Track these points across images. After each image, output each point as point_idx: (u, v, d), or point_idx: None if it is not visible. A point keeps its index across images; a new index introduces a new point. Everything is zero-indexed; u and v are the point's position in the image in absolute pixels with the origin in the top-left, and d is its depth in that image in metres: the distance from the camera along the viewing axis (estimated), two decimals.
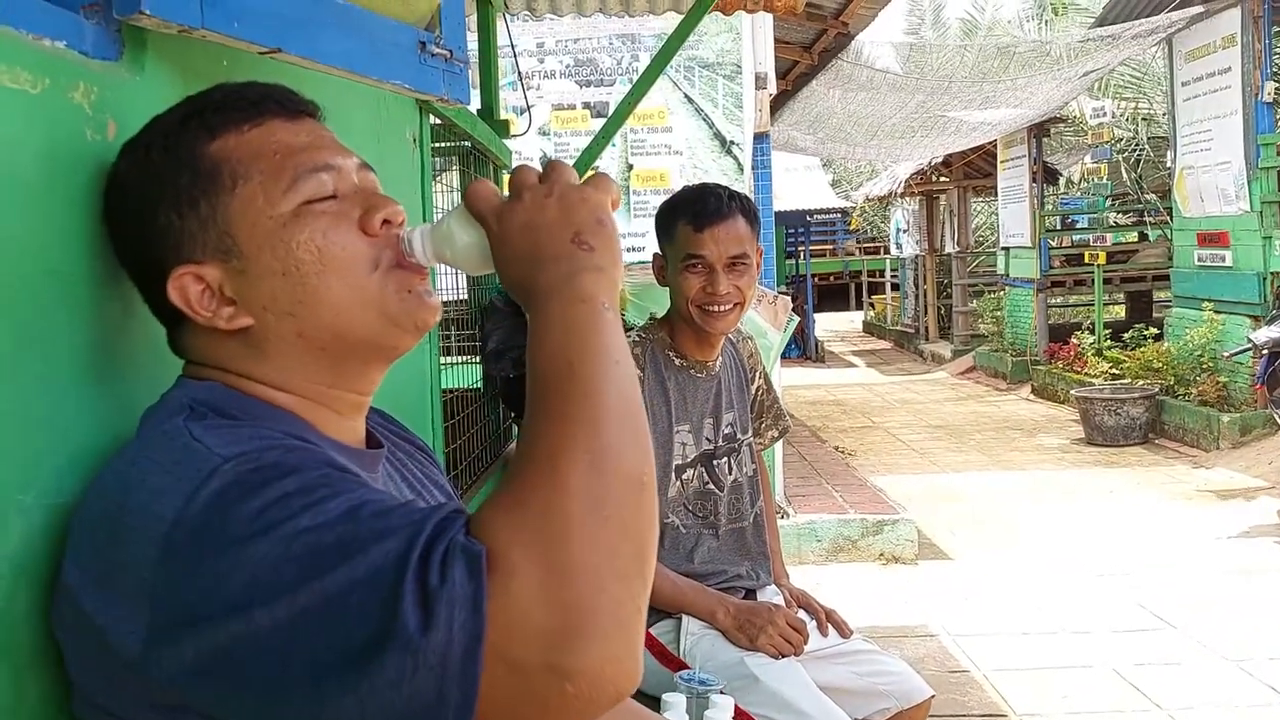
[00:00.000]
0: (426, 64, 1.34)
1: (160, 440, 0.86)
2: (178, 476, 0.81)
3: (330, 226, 0.95)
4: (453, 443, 2.70)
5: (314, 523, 0.77)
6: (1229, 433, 7.95)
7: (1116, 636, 4.42)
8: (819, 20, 7.51)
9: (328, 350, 0.96)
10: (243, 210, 0.94)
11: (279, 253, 0.94)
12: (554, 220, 0.89)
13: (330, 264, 0.94)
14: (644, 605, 0.80)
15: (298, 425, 0.95)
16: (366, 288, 0.96)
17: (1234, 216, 8.65)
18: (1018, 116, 11.31)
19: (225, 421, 0.89)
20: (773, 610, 2.14)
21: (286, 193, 0.94)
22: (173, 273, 0.94)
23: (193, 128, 0.95)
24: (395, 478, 1.10)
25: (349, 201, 0.98)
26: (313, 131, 1.00)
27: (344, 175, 0.99)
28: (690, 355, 2.35)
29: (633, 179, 6.50)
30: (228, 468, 0.80)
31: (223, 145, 0.95)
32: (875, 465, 8.18)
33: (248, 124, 0.96)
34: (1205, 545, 5.78)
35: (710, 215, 2.23)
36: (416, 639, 0.71)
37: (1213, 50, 8.87)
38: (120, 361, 1.01)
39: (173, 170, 0.94)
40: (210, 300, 0.94)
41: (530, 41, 6.36)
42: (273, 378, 0.96)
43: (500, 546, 0.74)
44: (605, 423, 0.80)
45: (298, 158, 0.96)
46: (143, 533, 0.80)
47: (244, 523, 0.77)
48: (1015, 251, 13.15)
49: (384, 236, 0.97)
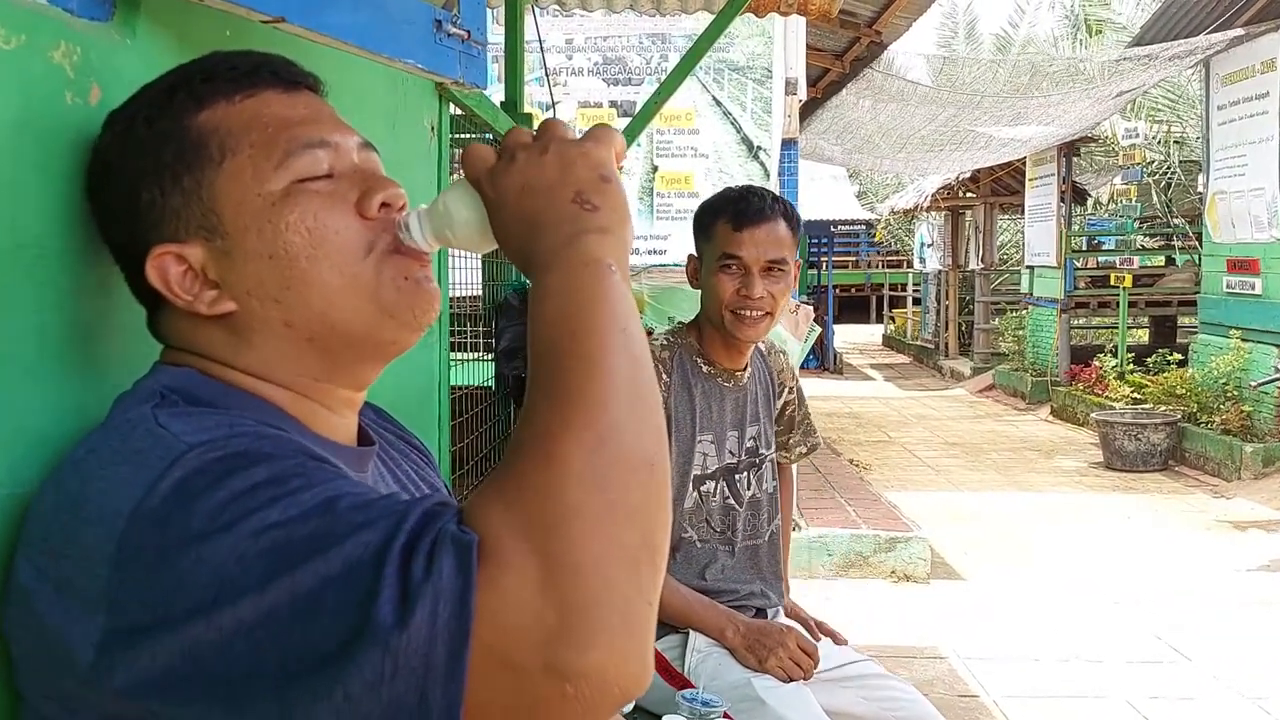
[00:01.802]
0: (442, 43, 1.27)
1: (123, 427, 0.79)
2: (137, 465, 0.74)
3: (323, 207, 0.88)
4: (460, 441, 2.64)
5: (285, 515, 0.70)
6: (1251, 463, 7.82)
7: (1131, 667, 4.32)
8: (852, 28, 7.42)
9: (316, 341, 0.89)
10: (229, 186, 0.87)
11: (266, 234, 0.86)
12: (552, 180, 0.82)
13: (322, 247, 0.87)
14: (654, 600, 0.72)
15: (280, 418, 0.88)
16: (360, 274, 0.88)
17: (1265, 244, 8.52)
18: (1049, 134, 11.20)
19: (196, 409, 0.82)
20: (784, 631, 2.07)
21: (277, 169, 0.87)
22: (152, 251, 0.87)
23: (180, 97, 0.88)
24: (388, 477, 1.04)
25: (345, 181, 0.90)
26: (310, 105, 0.93)
27: (342, 153, 0.91)
28: (719, 363, 2.27)
29: (657, 181, 6.43)
30: (191, 455, 0.73)
31: (211, 116, 0.88)
32: (890, 480, 8.08)
33: (239, 93, 0.89)
34: (1224, 576, 5.67)
35: (751, 215, 2.16)
36: (394, 636, 0.65)
37: (1251, 74, 8.74)
38: (95, 344, 0.94)
39: (157, 142, 0.87)
40: (191, 282, 0.87)
41: (559, 37, 6.30)
42: (257, 368, 0.89)
43: (494, 535, 0.67)
44: (611, 398, 0.73)
45: (292, 131, 0.89)
46: (99, 526, 0.73)
47: (208, 515, 0.70)
48: (1040, 270, 13.02)
49: (381, 220, 0.90)
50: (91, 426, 0.85)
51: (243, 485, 0.72)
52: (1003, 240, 17.29)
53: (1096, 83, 9.76)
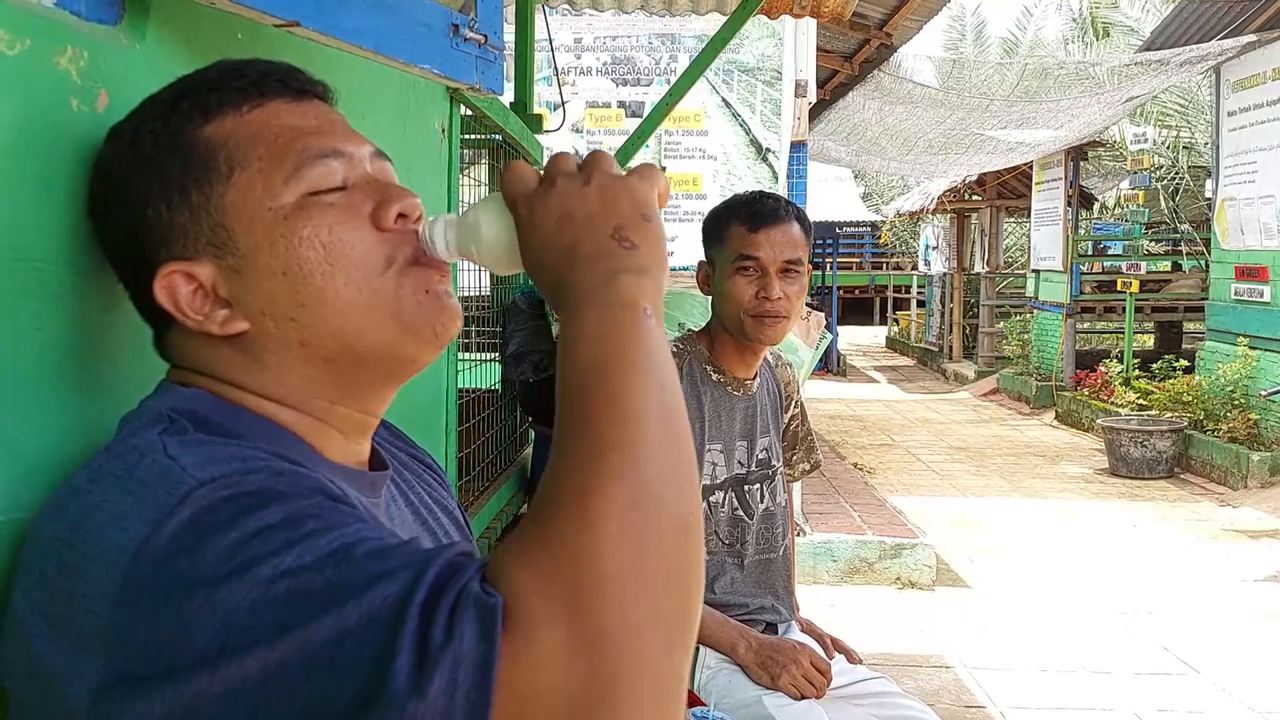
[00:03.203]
0: (458, 49, 1.24)
1: (128, 455, 0.75)
2: (143, 499, 0.70)
3: (338, 220, 0.84)
4: (467, 446, 2.60)
5: (300, 562, 0.66)
6: (1258, 471, 7.78)
7: (1138, 679, 4.28)
8: (862, 30, 7.38)
9: (333, 362, 0.86)
10: (240, 201, 0.83)
11: (279, 249, 0.83)
12: (593, 212, 0.79)
13: (337, 262, 0.83)
14: (686, 672, 0.68)
15: (293, 445, 0.84)
16: (379, 290, 0.85)
17: (1275, 251, 8.47)
18: (1056, 138, 11.15)
19: (207, 437, 0.78)
20: (797, 648, 2.03)
21: (289, 181, 0.84)
22: (160, 270, 0.83)
23: (185, 109, 0.85)
24: (400, 501, 1.00)
25: (360, 193, 0.87)
26: (320, 114, 0.89)
27: (355, 163, 0.88)
28: (729, 371, 2.23)
29: None
30: (202, 492, 0.69)
31: (218, 128, 0.84)
32: (894, 485, 8.04)
33: (247, 104, 0.86)
34: (1231, 587, 5.63)
35: (766, 216, 2.13)
36: (411, 703, 0.61)
37: (1262, 81, 8.69)
38: (99, 361, 0.90)
39: (162, 156, 0.83)
40: (202, 301, 0.84)
41: (568, 37, 6.27)
42: (270, 390, 0.85)
43: (520, 599, 0.63)
44: (647, 451, 0.69)
45: (303, 142, 0.85)
46: (100, 563, 0.69)
47: (218, 559, 0.66)
48: (1045, 275, 12.97)
49: (398, 232, 0.87)
50: (95, 448, 0.81)
51: (255, 526, 0.68)
52: (1008, 244, 17.25)
53: (1106, 87, 9.71)
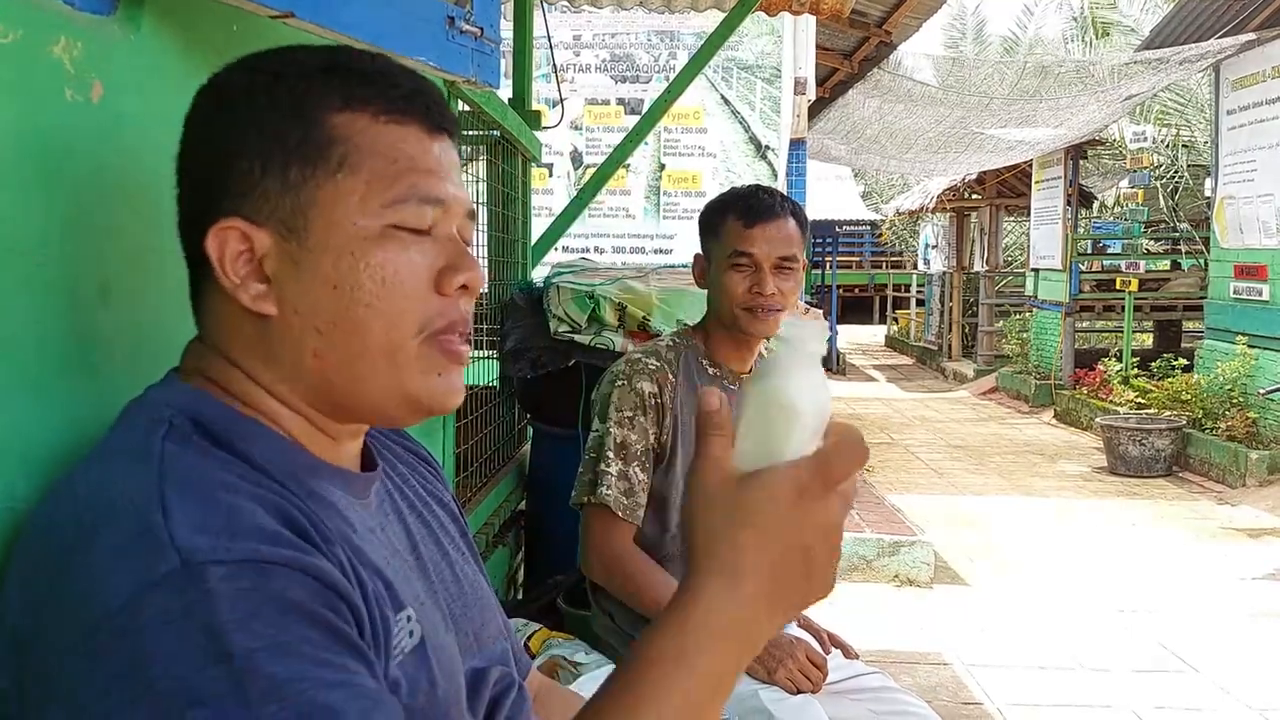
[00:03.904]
0: (454, 41, 1.24)
1: (128, 470, 0.74)
2: (127, 555, 0.69)
3: (407, 264, 0.84)
4: (464, 443, 2.60)
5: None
6: (1256, 470, 7.78)
7: (1137, 677, 4.28)
8: (862, 27, 7.38)
9: (334, 385, 0.85)
10: (333, 200, 0.82)
11: (344, 264, 0.82)
12: (822, 563, 0.75)
13: (387, 301, 0.83)
14: None
15: (290, 452, 0.84)
16: (401, 348, 0.84)
17: (1274, 250, 8.48)
18: (1056, 137, 11.15)
19: (204, 455, 0.77)
20: (794, 642, 2.03)
21: (385, 208, 0.83)
22: (222, 219, 0.82)
23: (334, 85, 0.84)
24: (395, 496, 0.99)
25: (438, 247, 0.86)
26: (443, 156, 0.88)
27: (449, 216, 0.87)
28: (725, 364, 2.23)
29: (664, 179, 6.40)
30: (179, 575, 0.68)
31: (351, 122, 0.84)
32: (893, 483, 8.04)
33: (387, 115, 0.85)
34: (1230, 586, 5.63)
35: (762, 212, 2.12)
36: None
37: (1262, 79, 8.69)
38: (97, 352, 0.90)
39: (286, 117, 0.82)
40: (246, 266, 0.82)
41: (567, 34, 6.27)
42: (278, 388, 0.85)
43: None
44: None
45: (415, 178, 0.84)
46: (74, 603, 0.69)
47: (178, 678, 0.65)
48: (1045, 273, 12.98)
49: (451, 301, 0.86)
50: (91, 439, 0.81)
51: (198, 680, 0.66)
52: (1008, 242, 17.24)
53: (1105, 86, 9.72)
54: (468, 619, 1.00)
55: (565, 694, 1.34)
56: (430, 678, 0.85)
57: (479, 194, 3.03)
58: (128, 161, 0.90)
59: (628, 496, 2.09)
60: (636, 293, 3.06)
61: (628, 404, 2.12)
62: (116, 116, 0.91)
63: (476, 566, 1.08)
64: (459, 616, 0.98)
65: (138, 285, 0.93)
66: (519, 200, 3.38)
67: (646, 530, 2.14)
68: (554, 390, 3.09)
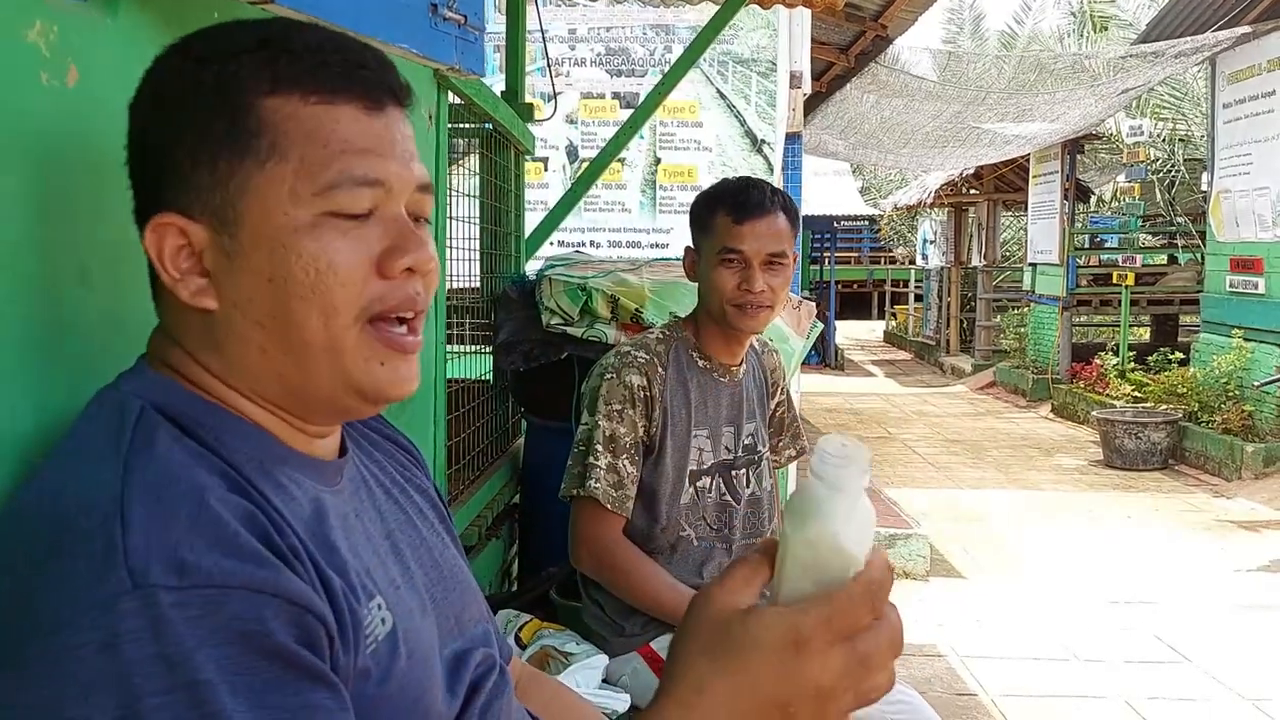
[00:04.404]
0: (438, 28, 1.24)
1: (93, 473, 0.73)
2: (78, 573, 0.68)
3: (341, 252, 0.81)
4: (456, 436, 2.60)
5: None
6: (1252, 463, 7.79)
7: (1130, 667, 4.30)
8: (858, 21, 7.38)
9: (286, 380, 0.84)
10: (263, 191, 0.80)
11: (277, 257, 0.80)
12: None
13: (321, 294, 0.80)
14: None
15: (258, 442, 0.84)
16: (339, 338, 0.82)
17: (1269, 243, 8.48)
18: (1053, 131, 11.14)
19: (176, 460, 0.76)
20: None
21: (315, 196, 0.80)
22: (159, 215, 0.81)
23: (262, 67, 0.80)
24: (370, 482, 0.99)
25: (380, 229, 0.83)
26: (386, 131, 0.84)
27: (393, 195, 0.84)
28: (715, 357, 2.23)
29: (660, 173, 6.39)
30: (129, 598, 0.66)
31: (278, 106, 0.80)
32: (890, 477, 8.06)
33: (317, 96, 0.81)
34: (1224, 577, 5.64)
35: (752, 208, 2.11)
36: None
37: (1258, 72, 8.69)
38: (71, 338, 0.90)
39: (214, 106, 0.80)
40: (187, 261, 0.81)
41: (562, 27, 6.26)
42: (232, 380, 0.84)
43: None
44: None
45: (348, 161, 0.81)
46: (16, 616, 0.68)
47: (116, 706, 0.64)
48: (1042, 268, 12.98)
49: (397, 284, 0.83)
50: (66, 425, 0.81)
51: (178, 682, 0.65)
52: (1005, 237, 17.24)
53: (1101, 79, 9.71)
54: (448, 602, 1.00)
55: (549, 682, 1.35)
56: (402, 663, 0.85)
57: (473, 189, 3.03)
58: (105, 146, 0.90)
59: (617, 489, 2.09)
60: (629, 285, 3.06)
61: (616, 397, 2.12)
62: (93, 101, 0.91)
63: (457, 551, 1.08)
64: (439, 600, 0.98)
65: (116, 271, 0.92)
66: (512, 193, 3.38)
67: (636, 522, 2.15)
68: (547, 383, 3.09)
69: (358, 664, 0.80)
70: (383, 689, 0.82)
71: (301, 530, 0.80)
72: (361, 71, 0.83)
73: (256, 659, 0.69)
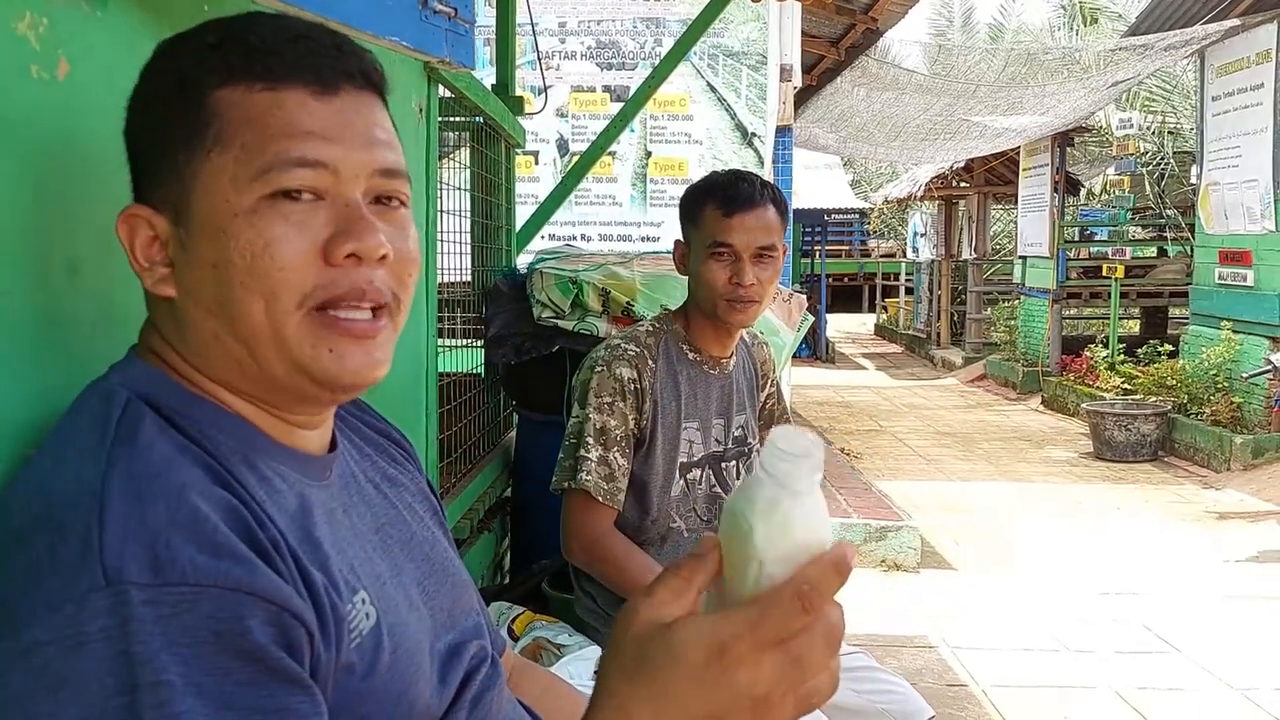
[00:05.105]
0: (428, 21, 1.24)
1: (76, 467, 0.74)
2: (53, 569, 0.68)
3: (279, 237, 0.80)
4: (448, 429, 2.61)
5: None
6: (1241, 454, 7.82)
7: (1120, 658, 4.32)
8: (848, 14, 7.38)
9: (243, 367, 0.83)
10: (209, 180, 0.80)
11: (219, 243, 0.79)
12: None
13: (260, 280, 0.79)
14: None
15: (242, 434, 0.84)
16: (283, 325, 0.81)
17: (1258, 235, 8.51)
18: (1043, 124, 11.17)
19: (160, 452, 0.76)
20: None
21: (253, 181, 0.80)
22: (130, 205, 0.83)
23: (217, 61, 0.81)
24: (359, 476, 0.99)
25: (325, 214, 0.82)
26: (337, 115, 0.83)
27: (342, 179, 0.82)
28: (705, 349, 2.24)
29: (650, 167, 6.39)
30: (101, 595, 0.66)
31: (226, 97, 0.81)
32: (881, 469, 8.07)
33: (263, 83, 0.81)
34: (1213, 568, 5.67)
35: (741, 202, 2.11)
36: None
37: (1246, 65, 8.72)
38: (63, 327, 0.90)
39: (174, 101, 0.81)
40: (159, 252, 0.82)
41: (552, 20, 6.26)
42: (205, 369, 0.84)
43: None
44: None
45: (285, 143, 0.80)
46: (3, 594, 0.69)
47: (81, 705, 0.65)
48: (1032, 261, 13.02)
49: (343, 271, 0.81)
50: (58, 414, 0.81)
51: (142, 681, 0.66)
52: (996, 230, 17.28)
53: (1091, 72, 9.73)
54: (440, 595, 1.00)
55: (542, 673, 1.35)
56: (386, 657, 0.85)
57: (464, 182, 3.03)
58: (95, 138, 0.90)
59: (608, 481, 2.10)
60: (620, 278, 3.06)
61: (607, 390, 2.12)
62: (84, 94, 0.91)
63: (448, 544, 1.08)
64: (431, 593, 0.99)
65: (107, 262, 0.93)
66: (503, 186, 3.38)
67: (627, 514, 2.15)
68: (538, 376, 3.10)
69: (341, 659, 0.80)
70: (367, 683, 0.83)
71: (284, 524, 0.80)
72: (314, 58, 0.83)
73: (230, 660, 0.68)
